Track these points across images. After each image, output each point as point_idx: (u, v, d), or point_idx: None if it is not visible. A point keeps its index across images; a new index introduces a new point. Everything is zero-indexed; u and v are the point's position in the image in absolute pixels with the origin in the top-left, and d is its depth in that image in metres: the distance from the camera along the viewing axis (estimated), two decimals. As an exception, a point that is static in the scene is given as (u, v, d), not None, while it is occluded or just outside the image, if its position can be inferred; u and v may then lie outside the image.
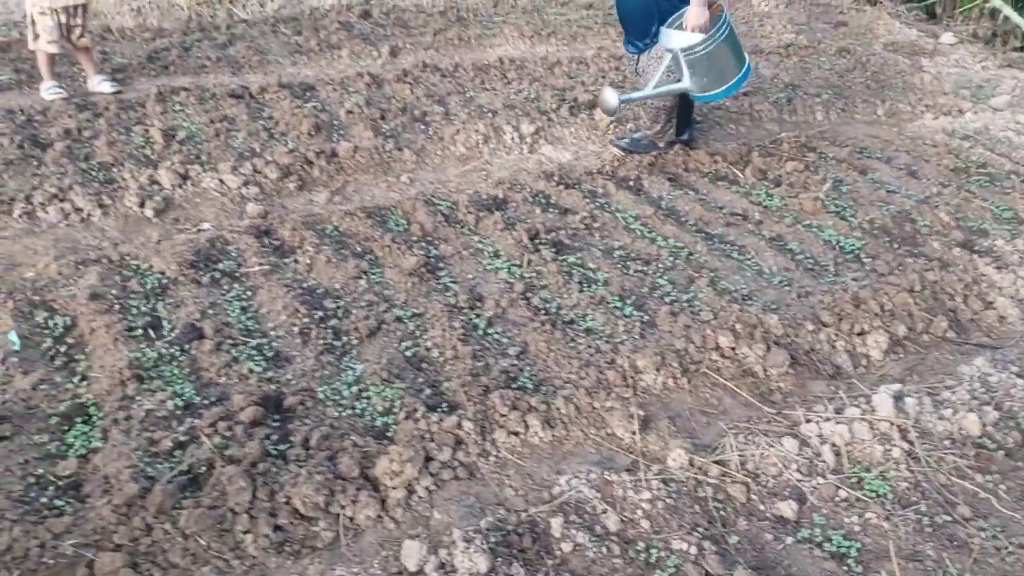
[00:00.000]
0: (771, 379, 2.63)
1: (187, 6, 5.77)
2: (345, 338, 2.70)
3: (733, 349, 2.67)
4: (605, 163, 4.04)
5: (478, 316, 2.83)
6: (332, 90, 4.59)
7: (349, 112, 4.31)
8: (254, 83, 4.58)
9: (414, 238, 3.30)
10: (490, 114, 4.40)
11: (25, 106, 4.11)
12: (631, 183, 3.90)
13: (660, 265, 3.20)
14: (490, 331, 2.77)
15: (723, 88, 3.66)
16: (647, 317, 2.86)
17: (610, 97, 3.67)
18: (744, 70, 3.67)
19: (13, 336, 2.52)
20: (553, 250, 3.22)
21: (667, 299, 2.99)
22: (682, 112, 4.10)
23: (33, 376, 2.38)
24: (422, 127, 4.26)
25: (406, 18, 5.97)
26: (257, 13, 5.90)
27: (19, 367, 2.42)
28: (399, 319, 2.80)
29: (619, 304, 2.92)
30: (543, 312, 2.87)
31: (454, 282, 3.04)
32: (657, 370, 2.56)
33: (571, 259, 3.19)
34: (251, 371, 2.48)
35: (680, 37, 3.57)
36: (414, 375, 2.54)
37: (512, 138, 4.22)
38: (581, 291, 2.97)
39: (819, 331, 2.81)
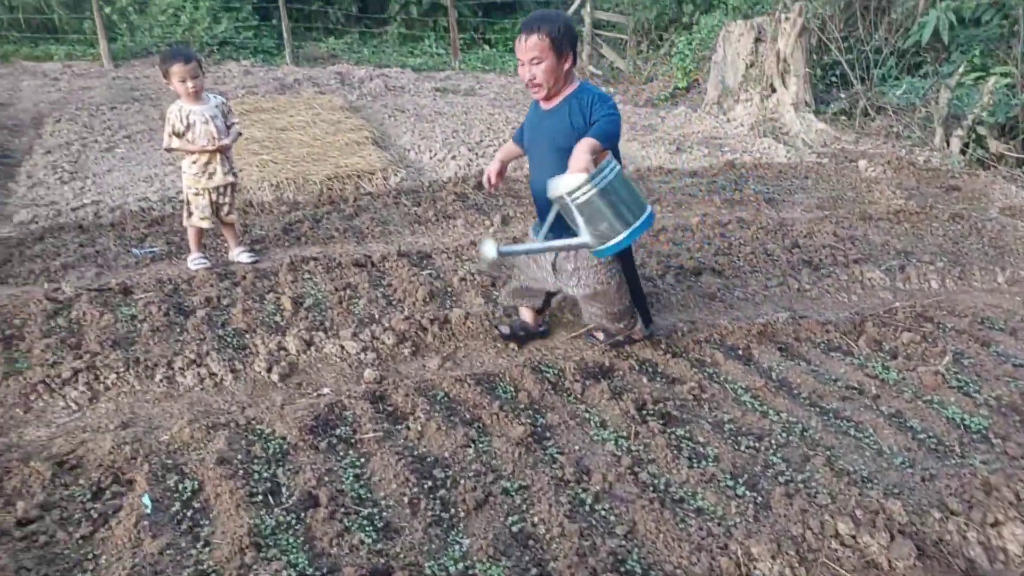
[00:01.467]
0: (896, 572, 2.47)
1: (320, 181, 6.31)
2: (453, 510, 2.73)
3: (854, 537, 2.54)
4: (713, 331, 4.05)
5: (585, 491, 2.81)
6: (447, 258, 4.86)
7: (462, 279, 4.53)
8: (376, 252, 4.91)
9: (521, 406, 3.36)
10: (597, 282, 4.53)
11: (173, 276, 4.53)
12: (740, 352, 3.88)
13: (773, 441, 3.12)
14: (597, 507, 2.74)
15: (623, 235, 3.14)
16: (760, 498, 2.78)
17: (488, 249, 3.13)
18: (646, 215, 3.18)
19: (146, 499, 2.68)
20: (661, 422, 3.21)
21: (781, 479, 2.90)
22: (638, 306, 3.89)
23: (161, 540, 2.50)
24: (531, 294, 4.42)
25: (517, 189, 6.32)
26: (381, 186, 6.39)
27: (149, 531, 2.55)
28: (506, 491, 2.82)
29: (731, 483, 2.85)
30: (651, 488, 2.83)
31: (560, 453, 3.06)
32: (773, 558, 2.46)
33: (679, 432, 3.17)
34: (362, 542, 2.53)
35: (564, 182, 3.10)
36: (520, 552, 2.52)
37: (618, 306, 4.31)
38: (691, 467, 2.93)
39: (947, 520, 2.64)
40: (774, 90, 8.89)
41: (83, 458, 2.95)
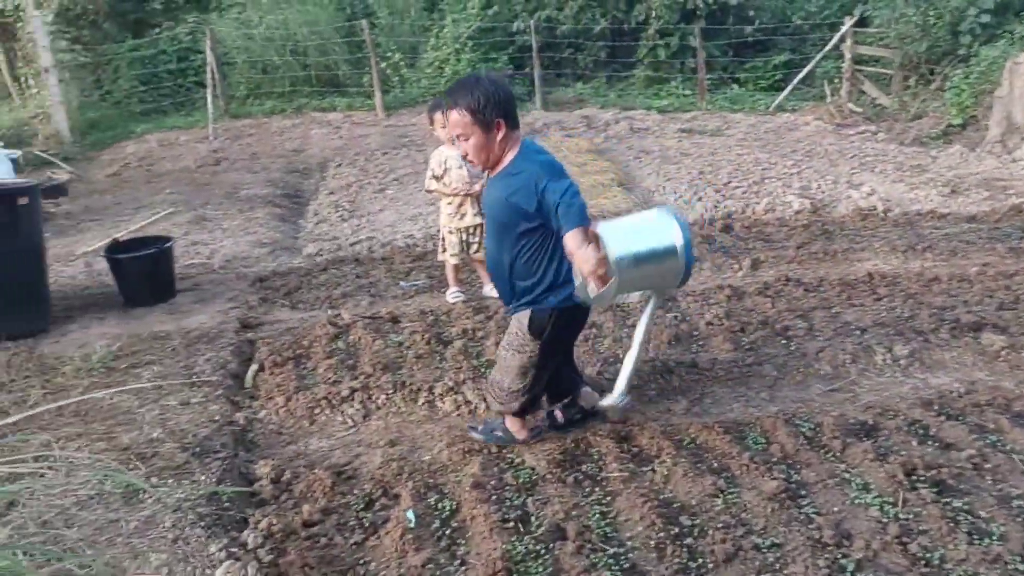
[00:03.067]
0: None
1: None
2: (700, 559, 2.66)
3: None
4: (997, 394, 3.63)
5: (845, 557, 2.62)
6: (692, 301, 4.79)
7: (709, 323, 4.44)
8: (621, 292, 4.95)
9: (774, 459, 3.21)
10: (858, 332, 4.24)
11: (434, 307, 4.88)
12: (1030, 420, 3.44)
13: (1074, 524, 2.73)
14: (859, 575, 2.55)
15: (679, 262, 2.90)
16: (1060, 589, 2.43)
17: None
18: (677, 242, 2.86)
19: (410, 514, 2.88)
20: (934, 490, 2.92)
21: (1087, 569, 2.52)
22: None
23: (423, 554, 2.68)
24: (783, 342, 4.24)
25: (768, 231, 6.11)
26: (626, 227, 6.45)
27: (412, 544, 2.74)
28: (757, 547, 2.70)
29: (1020, 566, 2.52)
30: (923, 562, 2.58)
31: (818, 513, 2.88)
32: (1078, 661, 2.13)
33: (956, 503, 2.86)
34: (608, 581, 2.55)
35: (606, 293, 2.83)
36: (773, 613, 2.40)
37: (884, 359, 4.00)
38: (971, 543, 2.63)
39: None
40: (1071, 125, 7.86)
41: (357, 470, 3.24)
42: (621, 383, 3.09)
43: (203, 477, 3.10)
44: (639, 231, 2.94)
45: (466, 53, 13.24)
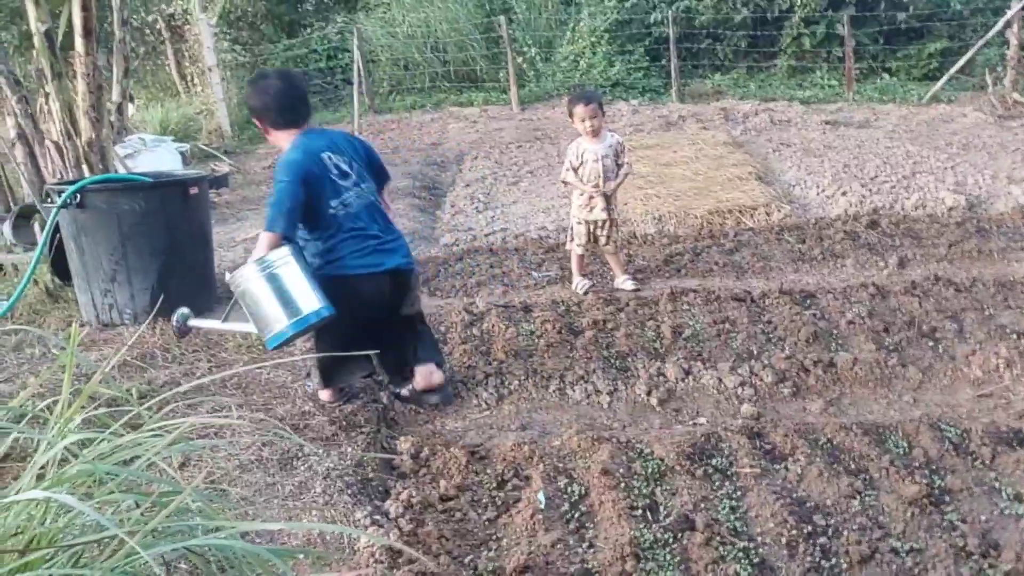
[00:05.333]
0: None
1: (700, 215, 6.44)
2: (834, 559, 2.62)
3: None
4: None
5: (991, 567, 2.51)
6: (833, 299, 4.65)
7: (850, 322, 4.30)
8: (756, 288, 4.87)
9: (916, 464, 3.10)
10: (1015, 336, 4.00)
11: (565, 297, 4.97)
12: None
13: None
14: (1007, 588, 2.44)
15: (271, 335, 3.27)
16: None
17: (176, 318, 3.64)
18: (313, 310, 3.25)
19: (541, 496, 2.99)
20: (1096, 506, 2.74)
21: None
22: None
23: (553, 534, 2.77)
24: (930, 344, 4.06)
25: (917, 229, 5.82)
26: (763, 222, 6.32)
27: (543, 524, 2.84)
28: (895, 551, 2.63)
29: None
30: (1080, 580, 2.43)
31: (962, 521, 2.76)
32: None
33: (1122, 521, 2.67)
34: (737, 573, 2.55)
35: (237, 271, 3.33)
36: (910, 619, 2.34)
37: (1042, 365, 3.76)
38: None
39: None
40: None
41: (490, 451, 3.38)
42: (210, 324, 3.92)
43: (349, 449, 3.32)
44: (299, 285, 3.28)
45: (602, 46, 13.24)
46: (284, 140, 3.57)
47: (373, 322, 3.61)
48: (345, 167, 3.57)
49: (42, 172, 6.25)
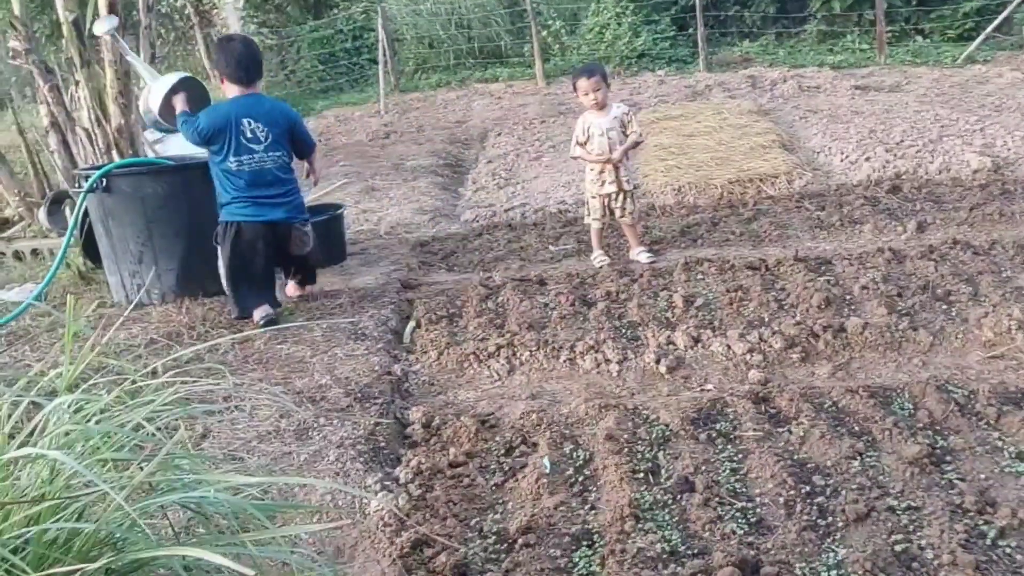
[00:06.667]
0: None
1: (720, 185, 6.42)
2: (830, 518, 2.67)
3: None
4: None
5: (987, 524, 2.54)
6: (848, 264, 4.63)
7: (863, 288, 4.29)
8: (771, 256, 4.87)
9: (919, 425, 3.12)
10: (1030, 298, 3.97)
11: (580, 270, 5.02)
12: None
13: None
14: (1001, 543, 2.46)
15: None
16: None
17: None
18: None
19: (546, 461, 3.07)
20: (1098, 464, 2.74)
21: None
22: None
23: (556, 498, 2.86)
24: (943, 307, 4.04)
25: (939, 192, 5.75)
26: (784, 190, 6.28)
27: (547, 488, 2.93)
28: (891, 509, 2.66)
29: None
30: (1076, 535, 2.45)
31: (961, 479, 2.78)
32: None
33: (1124, 478, 2.67)
34: (733, 532, 2.61)
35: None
36: (901, 573, 2.38)
37: (1056, 327, 3.73)
38: None
39: None
40: None
41: (500, 420, 3.47)
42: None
43: (363, 419, 3.44)
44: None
45: (627, 17, 13.14)
46: (230, 93, 4.46)
47: (266, 258, 4.49)
48: (260, 134, 4.38)
49: (75, 158, 6.46)
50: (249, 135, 4.34)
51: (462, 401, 3.73)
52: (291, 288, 4.88)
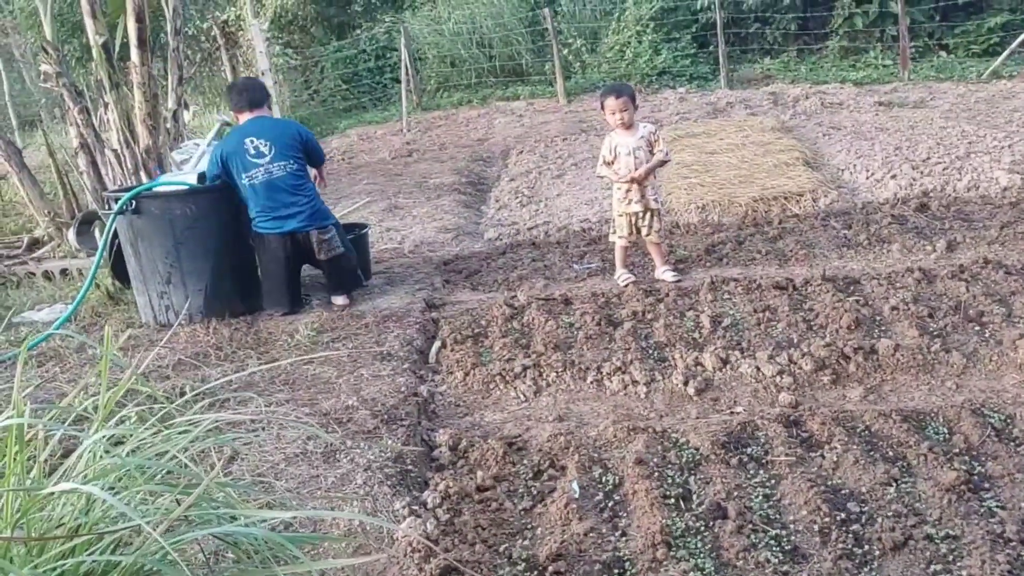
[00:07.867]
0: None
1: (744, 203, 6.39)
2: (867, 546, 2.62)
3: None
4: None
5: (1030, 554, 2.48)
6: (877, 284, 4.58)
7: (894, 308, 4.24)
8: (798, 275, 4.83)
9: (955, 450, 3.06)
10: (1066, 319, 3.89)
11: (605, 289, 5.00)
12: None
13: None
14: (1045, 575, 2.40)
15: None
16: None
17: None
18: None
19: (575, 486, 3.04)
20: None
21: None
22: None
23: (586, 523, 2.83)
24: (976, 328, 3.98)
25: (968, 211, 5.68)
26: (809, 208, 6.24)
27: (576, 513, 2.90)
28: (929, 538, 2.61)
29: None
30: (1122, 567, 2.38)
31: (1001, 507, 2.72)
32: None
33: None
34: (768, 560, 2.57)
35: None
36: (942, 606, 2.33)
37: (1094, 349, 3.65)
38: None
39: None
40: None
41: (527, 442, 3.45)
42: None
43: (390, 442, 3.43)
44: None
45: (648, 35, 13.15)
46: (240, 120, 4.98)
47: (287, 266, 4.93)
48: (263, 148, 4.76)
49: (104, 179, 6.54)
50: (253, 151, 4.74)
51: (489, 423, 3.72)
52: (339, 299, 5.14)
